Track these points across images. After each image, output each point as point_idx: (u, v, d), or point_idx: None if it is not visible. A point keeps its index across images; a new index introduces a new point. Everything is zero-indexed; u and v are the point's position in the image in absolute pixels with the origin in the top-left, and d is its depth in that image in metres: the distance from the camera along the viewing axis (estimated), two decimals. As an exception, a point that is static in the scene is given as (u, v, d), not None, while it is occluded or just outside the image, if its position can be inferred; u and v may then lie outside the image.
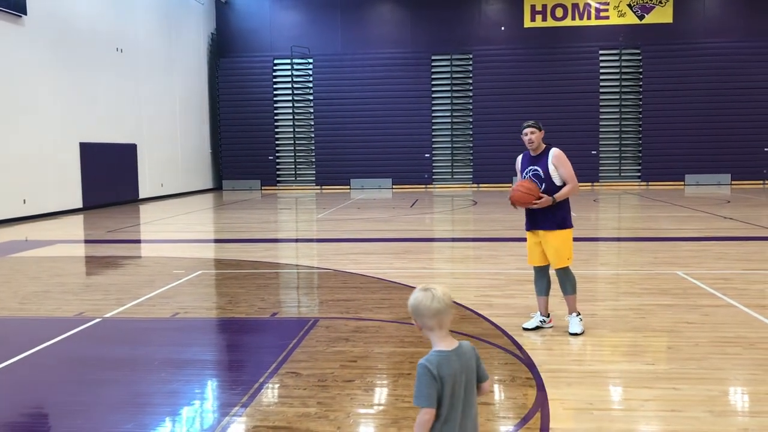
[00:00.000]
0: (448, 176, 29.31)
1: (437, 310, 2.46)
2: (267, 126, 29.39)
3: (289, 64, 29.33)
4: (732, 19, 27.64)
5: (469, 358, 2.52)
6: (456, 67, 28.94)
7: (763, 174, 27.59)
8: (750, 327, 6.00)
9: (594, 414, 4.14)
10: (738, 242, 11.34)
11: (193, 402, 4.56)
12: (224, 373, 5.25)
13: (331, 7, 29.04)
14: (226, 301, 7.46)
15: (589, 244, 11.73)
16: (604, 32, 28.18)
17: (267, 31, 29.37)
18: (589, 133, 28.16)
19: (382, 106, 28.74)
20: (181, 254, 11.07)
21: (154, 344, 6.01)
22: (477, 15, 28.73)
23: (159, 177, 24.36)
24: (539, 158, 5.88)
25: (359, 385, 4.68)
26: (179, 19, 26.42)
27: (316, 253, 11.30)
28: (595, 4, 28.15)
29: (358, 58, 28.92)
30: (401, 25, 29.01)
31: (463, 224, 15.90)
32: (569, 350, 5.48)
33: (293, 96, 29.49)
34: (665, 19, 27.99)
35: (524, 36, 28.50)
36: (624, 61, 28.21)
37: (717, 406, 4.22)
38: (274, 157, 29.54)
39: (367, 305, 7.02)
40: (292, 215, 18.71)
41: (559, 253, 5.82)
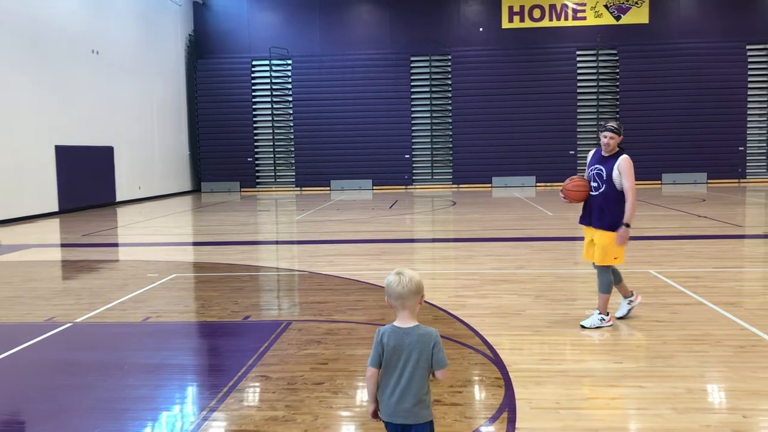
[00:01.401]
0: (428, 177, 29.37)
1: (399, 294, 2.83)
2: (246, 127, 29.27)
3: (268, 65, 29.24)
4: (707, 20, 27.97)
5: (421, 341, 2.82)
6: (435, 67, 29.01)
7: (738, 173, 27.94)
8: (717, 324, 6.08)
9: (560, 413, 4.18)
10: (711, 240, 11.47)
11: (161, 407, 4.53)
12: (193, 377, 5.22)
13: (309, 8, 28.99)
14: (199, 305, 7.43)
15: (567, 244, 11.81)
16: (581, 33, 28.40)
17: (245, 32, 29.26)
18: (567, 133, 28.35)
19: (362, 107, 28.74)
20: (156, 257, 11.00)
21: (124, 349, 5.97)
22: (455, 16, 28.82)
23: (136, 179, 24.18)
24: (608, 159, 6.00)
25: (329, 388, 4.68)
26: (156, 20, 26.24)
27: (293, 255, 11.28)
28: (572, 4, 28.36)
29: (337, 59, 28.91)
30: (380, 26, 29.04)
31: (441, 225, 15.95)
32: (539, 350, 5.51)
33: (272, 97, 29.41)
34: (641, 19, 28.25)
35: (502, 37, 28.64)
36: (601, 61, 28.44)
37: (681, 404, 4.28)
38: (253, 159, 29.43)
39: (341, 307, 7.02)
40: (271, 217, 18.65)
41: (606, 252, 5.95)
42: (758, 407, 4.21)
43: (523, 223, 15.08)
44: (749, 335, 5.72)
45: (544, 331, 6.01)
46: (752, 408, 4.19)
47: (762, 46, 27.77)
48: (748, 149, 28.12)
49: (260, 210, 20.66)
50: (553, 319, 6.42)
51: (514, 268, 9.23)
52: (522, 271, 8.93)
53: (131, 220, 17.63)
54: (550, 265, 9.52)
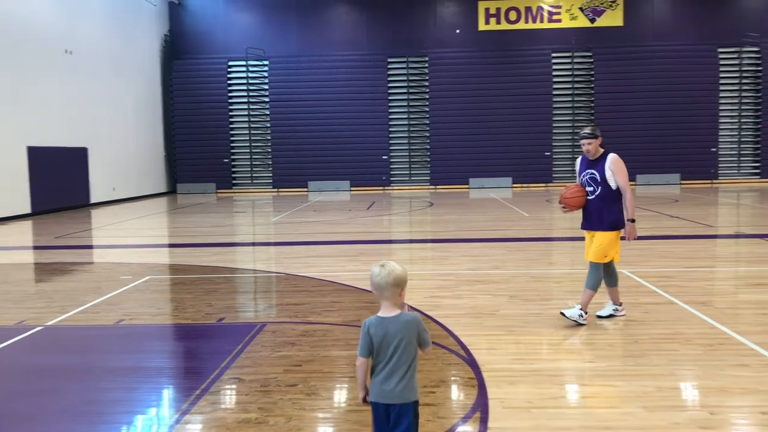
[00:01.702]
0: (406, 178, 29.42)
1: (377, 285, 3.04)
2: (222, 128, 29.10)
3: (245, 65, 29.11)
4: (680, 23, 28.35)
5: (405, 328, 3.03)
6: (412, 69, 29.08)
7: (710, 174, 28.34)
8: (688, 323, 6.17)
9: (532, 412, 4.21)
10: (683, 240, 11.63)
11: (133, 410, 4.50)
12: (166, 380, 5.18)
13: (286, 9, 28.92)
14: (173, 307, 7.37)
15: (542, 244, 11.90)
16: (556, 35, 28.64)
17: (221, 32, 29.09)
18: (543, 134, 28.57)
19: (339, 108, 28.72)
20: (130, 260, 10.89)
21: (97, 352, 5.91)
22: (432, 18, 28.92)
23: (111, 181, 23.92)
24: (597, 162, 6.12)
25: (302, 390, 4.67)
26: (131, 20, 25.99)
27: (269, 256, 11.24)
28: (548, 7, 28.58)
29: (314, 60, 28.86)
30: (357, 27, 29.04)
31: (418, 226, 15.98)
32: (513, 350, 5.55)
33: (248, 98, 29.27)
34: (616, 22, 28.56)
35: (479, 39, 28.79)
36: (576, 63, 28.70)
37: (651, 402, 4.33)
38: (229, 160, 29.26)
39: (317, 309, 7.01)
40: (247, 218, 18.57)
41: (601, 250, 6.10)
42: (725, 404, 4.27)
43: (499, 223, 15.16)
44: (718, 334, 5.81)
45: (518, 331, 6.06)
46: (719, 405, 4.26)
47: (733, 49, 28.21)
48: (720, 151, 28.54)
49: (236, 211, 20.56)
50: (527, 319, 6.46)
51: (489, 268, 9.28)
52: (497, 272, 8.98)
53: (105, 222, 17.44)
54: (525, 265, 9.58)
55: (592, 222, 6.19)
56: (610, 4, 28.42)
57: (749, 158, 28.77)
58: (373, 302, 7.26)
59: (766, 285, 7.79)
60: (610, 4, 28.42)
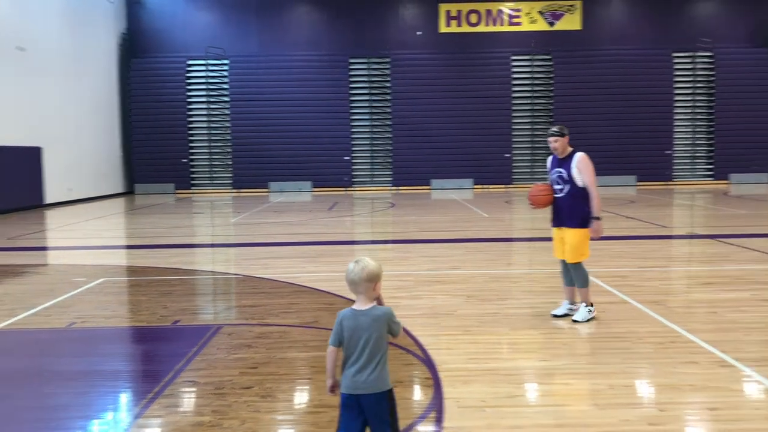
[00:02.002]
0: (368, 179, 29.42)
1: (350, 280, 3.20)
2: (181, 128, 28.71)
3: (204, 64, 28.77)
4: (636, 28, 28.92)
5: (376, 322, 3.16)
6: (374, 70, 29.10)
7: (665, 175, 28.95)
8: (640, 322, 6.28)
9: (486, 411, 4.24)
10: (637, 241, 11.86)
11: (84, 415, 4.40)
12: (118, 384, 5.08)
13: (246, 8, 28.68)
14: (128, 310, 7.25)
15: (501, 245, 12.02)
16: (516, 38, 28.95)
17: (181, 31, 28.71)
18: (503, 136, 28.85)
19: (301, 108, 28.59)
20: (85, 261, 10.66)
21: (47, 356, 5.77)
22: (394, 19, 28.99)
23: (67, 181, 23.41)
24: (565, 161, 6.30)
25: (257, 392, 4.63)
26: (87, 17, 25.48)
27: (228, 258, 11.12)
28: (508, 10, 28.89)
29: (275, 60, 28.68)
30: (318, 27, 28.96)
31: (379, 226, 16.00)
32: (469, 349, 5.58)
33: (208, 97, 28.94)
34: (574, 26, 29.00)
35: (440, 41, 28.96)
36: (535, 66, 29.06)
37: (602, 399, 4.40)
38: (188, 160, 28.88)
39: (274, 310, 6.95)
40: (206, 219, 18.36)
41: (576, 250, 6.24)
42: (675, 401, 4.36)
43: (459, 224, 15.26)
44: (669, 332, 5.93)
45: (474, 331, 6.10)
46: (669, 402, 4.35)
47: (687, 54, 28.89)
48: (675, 153, 29.19)
49: (195, 212, 20.31)
50: (484, 318, 6.51)
51: (448, 269, 9.33)
52: (455, 272, 9.04)
53: (61, 223, 17.06)
54: (484, 265, 9.66)
55: (562, 219, 6.34)
56: (569, 8, 28.86)
57: (703, 161, 29.48)
58: (332, 303, 7.25)
59: (717, 284, 7.98)
60: (569, 8, 28.86)
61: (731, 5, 28.98)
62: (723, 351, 5.31)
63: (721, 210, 17.75)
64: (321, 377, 4.91)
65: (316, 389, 4.71)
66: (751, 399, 4.46)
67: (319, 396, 4.58)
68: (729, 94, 28.56)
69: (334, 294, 7.65)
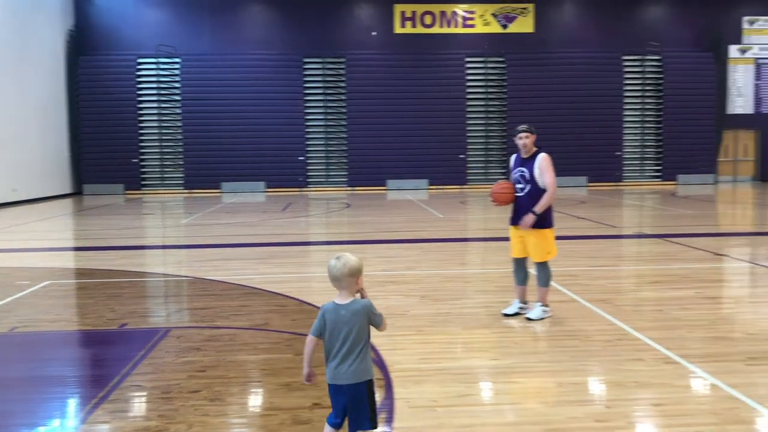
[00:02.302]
0: (323, 179, 29.30)
1: (333, 276, 3.36)
2: (131, 127, 28.11)
3: (155, 63, 28.26)
4: (587, 31, 29.46)
5: (356, 316, 3.33)
6: (329, 70, 28.99)
7: (615, 176, 29.56)
8: (589, 320, 6.39)
9: (437, 411, 4.25)
10: (587, 240, 12.07)
11: (24, 422, 4.26)
12: (61, 389, 4.93)
13: (198, 6, 28.26)
14: (73, 313, 7.06)
15: (456, 245, 12.08)
16: (470, 40, 29.20)
17: (130, 28, 28.13)
18: (458, 137, 29.06)
19: (255, 108, 28.30)
20: (29, 264, 10.36)
21: (-14, 362, 5.58)
22: (348, 19, 28.94)
23: (11, 181, 22.71)
24: (528, 160, 6.36)
25: (205, 396, 4.55)
26: (32, 13, 24.75)
27: (178, 260, 10.93)
28: (462, 12, 29.12)
29: (228, 59, 28.33)
30: (272, 27, 28.72)
31: (334, 227, 15.94)
32: (421, 349, 5.59)
33: (159, 96, 28.43)
34: (527, 28, 29.38)
35: (395, 41, 29.02)
36: (489, 68, 29.35)
37: (551, 397, 4.45)
38: (138, 160, 28.31)
39: (224, 313, 6.86)
40: (156, 220, 18.03)
41: (540, 249, 6.35)
42: (621, 398, 4.44)
43: (414, 225, 15.31)
44: (617, 330, 6.04)
45: (427, 331, 6.11)
46: (615, 398, 4.42)
47: (636, 57, 29.56)
48: (625, 155, 29.82)
49: (145, 213, 19.93)
50: (437, 319, 6.53)
51: (402, 269, 9.34)
52: (410, 272, 9.05)
53: (5, 224, 16.53)
54: (438, 265, 9.70)
55: (521, 218, 6.39)
56: (522, 11, 29.23)
57: (651, 162, 30.19)
58: (283, 305, 7.19)
59: (664, 283, 8.16)
60: (522, 11, 29.23)
61: (679, 10, 29.77)
62: (668, 348, 5.43)
63: (668, 210, 18.20)
64: (272, 380, 4.86)
65: (267, 392, 4.66)
66: (695, 394, 4.56)
67: (269, 399, 4.52)
68: (676, 96, 29.33)
69: (286, 296, 7.58)
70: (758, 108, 30.51)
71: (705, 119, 29.50)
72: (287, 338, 5.89)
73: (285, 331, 6.11)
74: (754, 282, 8.59)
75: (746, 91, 30.47)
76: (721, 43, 29.61)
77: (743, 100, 30.50)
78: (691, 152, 29.58)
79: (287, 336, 5.95)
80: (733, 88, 30.42)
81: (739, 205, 19.98)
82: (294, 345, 5.66)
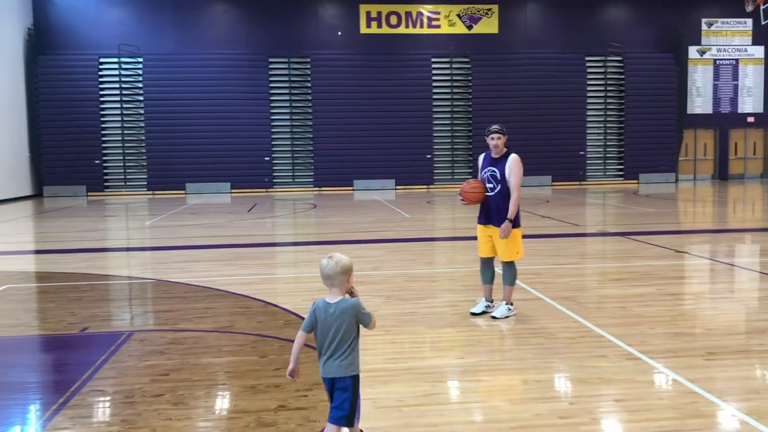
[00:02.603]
0: (289, 180, 29.15)
1: (326, 275, 3.50)
2: (93, 128, 27.61)
3: (117, 63, 27.81)
4: (550, 32, 29.81)
5: (344, 314, 3.45)
6: (294, 70, 28.85)
7: (579, 176, 29.96)
8: (553, 318, 6.46)
9: (403, 411, 4.26)
10: (550, 239, 12.21)
11: (-21, 431, 4.16)
12: (19, 396, 4.81)
13: (161, 4, 27.89)
14: (32, 318, 6.91)
15: (422, 245, 12.11)
16: (435, 40, 29.32)
17: (92, 27, 27.64)
18: (424, 137, 29.16)
19: (219, 108, 28.03)
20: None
21: (-59, 369, 5.42)
22: (314, 19, 28.84)
23: (-32, 184, 22.14)
24: (498, 161, 6.41)
25: (169, 399, 4.49)
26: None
27: (141, 262, 10.78)
28: (427, 13, 29.23)
29: (191, 59, 28.01)
30: (237, 26, 28.48)
31: (300, 228, 15.87)
32: (387, 349, 5.60)
33: (121, 97, 27.99)
34: (491, 29, 29.61)
35: (361, 42, 29.00)
36: (454, 68, 29.50)
37: (515, 395, 4.50)
38: (100, 161, 27.83)
39: (188, 315, 6.78)
40: (119, 222, 17.75)
41: (510, 249, 6.41)
42: (584, 394, 4.50)
43: (381, 225, 15.32)
44: (580, 327, 6.12)
45: (393, 331, 6.12)
46: (579, 395, 4.48)
47: (599, 58, 29.99)
48: (588, 154, 30.24)
49: (108, 215, 19.61)
50: (403, 318, 6.55)
51: (369, 269, 9.33)
52: (376, 272, 9.05)
53: (-40, 228, 16.13)
54: (404, 265, 9.72)
55: (491, 217, 6.46)
56: (486, 12, 29.45)
57: (614, 161, 30.66)
58: (248, 307, 7.13)
59: (626, 280, 8.30)
60: (486, 12, 29.45)
61: (640, 12, 30.27)
62: (630, 344, 5.52)
63: (630, 208, 18.51)
64: (237, 382, 4.82)
65: (232, 395, 4.62)
66: (656, 390, 4.64)
67: (234, 402, 4.48)
68: (637, 97, 29.84)
69: (252, 297, 7.53)
70: (716, 108, 31.23)
71: (666, 119, 30.08)
72: (252, 340, 5.84)
73: (250, 333, 6.06)
74: (713, 278, 8.78)
75: (705, 92, 31.16)
76: (682, 44, 30.21)
77: (702, 100, 31.17)
78: (653, 151, 30.12)
79: (252, 338, 5.91)
80: (693, 89, 31.07)
81: (699, 203, 20.41)
82: (259, 347, 5.63)
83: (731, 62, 31.11)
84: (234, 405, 4.42)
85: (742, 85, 31.26)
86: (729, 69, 31.15)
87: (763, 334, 5.84)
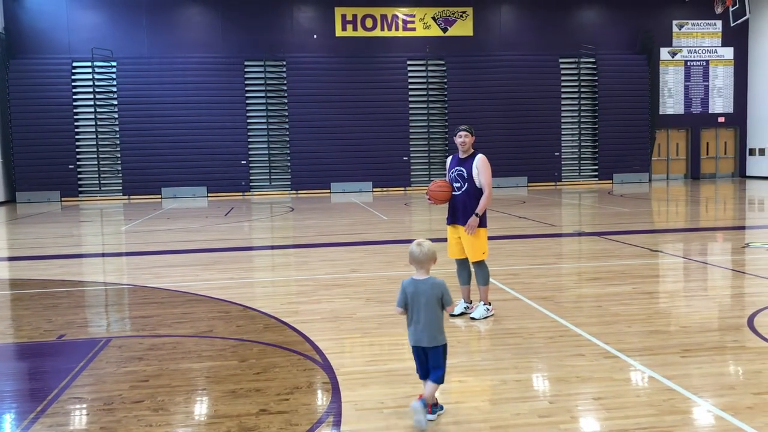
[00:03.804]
0: (266, 183, 29.04)
1: (416, 259, 4.22)
2: (67, 133, 27.29)
3: (90, 67, 27.51)
4: (524, 34, 30.07)
5: (432, 288, 4.13)
6: (270, 73, 28.76)
7: (554, 176, 30.22)
8: (531, 318, 6.52)
9: (384, 413, 4.27)
10: (528, 239, 12.31)
11: (-45, 441, 4.10)
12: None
13: (135, 8, 27.66)
14: (7, 325, 6.81)
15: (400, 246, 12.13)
16: (411, 43, 29.42)
17: (64, 31, 27.33)
18: (401, 139, 29.23)
19: (194, 112, 27.86)
20: (-42, 276, 9.96)
21: None
22: (289, 22, 28.78)
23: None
24: (466, 161, 6.50)
25: (149, 406, 4.46)
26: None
27: (117, 268, 10.68)
28: (402, 15, 29.31)
29: (166, 62, 27.81)
30: (212, 29, 28.33)
31: (278, 231, 15.82)
32: (367, 351, 5.61)
33: (95, 101, 27.68)
34: (466, 32, 29.78)
35: (336, 45, 29.00)
36: (430, 71, 29.62)
37: (496, 395, 4.53)
38: (74, 166, 27.50)
39: (167, 321, 6.73)
40: (94, 228, 17.55)
41: (475, 248, 6.45)
42: (563, 392, 4.55)
43: (359, 227, 15.33)
44: (558, 326, 6.18)
45: (373, 333, 6.14)
46: (558, 394, 4.53)
47: (572, 59, 30.30)
48: (563, 155, 30.52)
49: (83, 220, 19.38)
50: (382, 320, 6.56)
51: (347, 272, 9.34)
52: (355, 275, 9.07)
53: (-70, 236, 15.84)
54: (382, 267, 9.74)
55: (457, 217, 6.53)
56: (461, 14, 29.62)
57: (588, 162, 30.98)
58: (227, 312, 7.11)
59: (603, 279, 8.39)
60: (461, 14, 29.62)
61: (612, 14, 30.64)
62: (607, 343, 5.59)
63: (605, 208, 18.72)
64: (217, 387, 4.80)
65: (212, 400, 4.60)
66: (633, 387, 4.71)
67: (215, 407, 4.47)
68: (611, 98, 30.20)
69: (230, 302, 7.50)
70: (688, 108, 31.70)
71: (639, 120, 30.47)
72: (232, 345, 5.82)
73: (229, 338, 6.04)
74: (687, 276, 8.91)
75: (677, 92, 31.61)
76: (653, 45, 30.62)
77: (674, 100, 31.63)
78: (626, 152, 30.50)
79: (232, 342, 5.89)
80: (665, 90, 31.51)
81: (672, 203, 20.70)
82: (239, 351, 5.61)
83: (702, 63, 31.61)
84: (215, 410, 4.41)
85: (712, 86, 31.77)
86: (700, 70, 31.65)
87: (736, 331, 5.95)
